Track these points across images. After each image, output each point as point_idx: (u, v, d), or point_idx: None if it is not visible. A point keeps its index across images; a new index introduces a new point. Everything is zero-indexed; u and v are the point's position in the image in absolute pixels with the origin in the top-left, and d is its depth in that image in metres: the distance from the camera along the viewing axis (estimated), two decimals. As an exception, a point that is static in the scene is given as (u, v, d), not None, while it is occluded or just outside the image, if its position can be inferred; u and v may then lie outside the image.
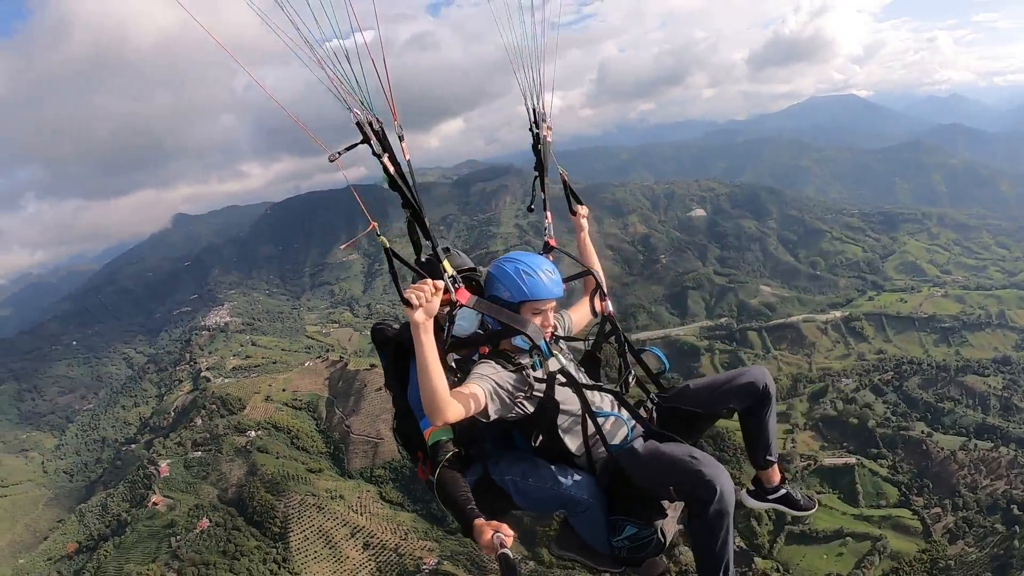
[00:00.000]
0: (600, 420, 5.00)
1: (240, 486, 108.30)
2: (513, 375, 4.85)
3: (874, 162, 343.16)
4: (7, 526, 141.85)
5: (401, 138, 4.14)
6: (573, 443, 5.02)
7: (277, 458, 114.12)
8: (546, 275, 5.08)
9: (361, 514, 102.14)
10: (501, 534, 4.16)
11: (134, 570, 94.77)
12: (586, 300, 6.17)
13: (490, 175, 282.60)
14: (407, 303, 4.02)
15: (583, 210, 6.57)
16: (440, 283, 4.18)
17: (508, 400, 4.78)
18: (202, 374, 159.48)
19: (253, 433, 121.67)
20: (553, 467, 4.95)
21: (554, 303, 5.19)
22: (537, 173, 6.30)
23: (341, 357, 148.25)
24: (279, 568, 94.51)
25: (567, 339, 5.66)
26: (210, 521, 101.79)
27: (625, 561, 5.11)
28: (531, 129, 6.19)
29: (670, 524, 5.16)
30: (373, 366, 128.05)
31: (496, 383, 4.73)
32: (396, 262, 4.45)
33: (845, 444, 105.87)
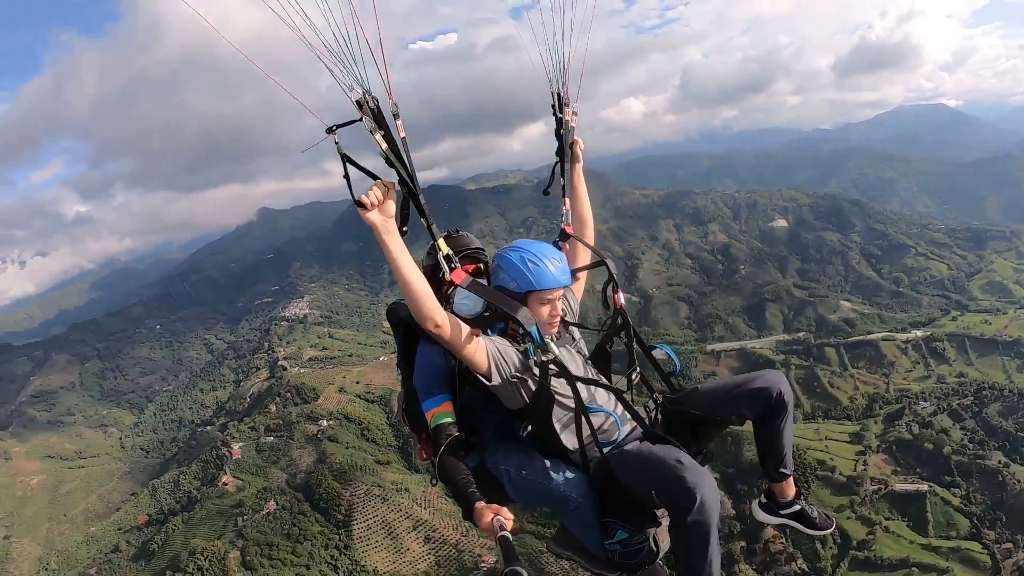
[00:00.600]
0: (596, 417, 4.89)
1: (308, 472, 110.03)
2: (517, 356, 4.78)
3: (963, 175, 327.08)
4: (82, 495, 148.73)
5: (396, 116, 4.11)
6: (569, 439, 4.88)
7: (347, 448, 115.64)
8: (553, 264, 4.93)
9: (425, 508, 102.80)
10: (501, 517, 4.18)
11: (200, 545, 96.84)
12: (584, 270, 5.98)
13: None
14: (360, 205, 4.03)
15: (580, 141, 6.13)
16: (389, 183, 4.15)
17: (508, 376, 4.73)
18: (279, 363, 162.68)
19: (325, 422, 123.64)
20: (547, 462, 4.89)
21: (562, 292, 5.04)
22: (558, 159, 6.02)
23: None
24: (340, 554, 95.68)
25: (578, 326, 5.52)
26: (277, 504, 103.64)
27: (620, 566, 4.95)
28: (554, 114, 5.97)
29: (664, 533, 4.88)
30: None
31: (500, 351, 4.70)
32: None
33: (918, 470, 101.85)
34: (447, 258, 4.59)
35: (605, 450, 4.85)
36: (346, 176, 4.05)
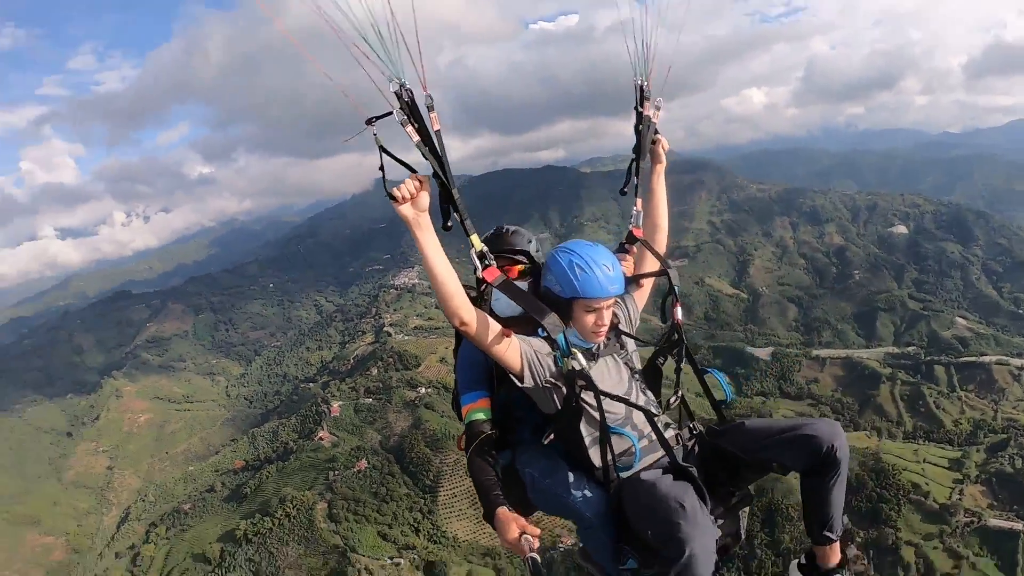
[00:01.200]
0: (621, 440, 4.57)
1: (402, 436, 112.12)
2: (553, 360, 4.52)
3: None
4: (185, 436, 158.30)
5: (431, 108, 4.01)
6: (596, 456, 4.57)
7: (441, 416, 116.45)
8: (602, 271, 4.51)
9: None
10: (529, 536, 4.10)
11: (290, 493, 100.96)
12: (647, 277, 5.46)
13: (687, 168, 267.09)
14: (392, 198, 3.98)
15: (664, 140, 5.68)
16: (423, 176, 4.06)
17: (542, 380, 4.50)
18: (384, 329, 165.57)
19: (423, 390, 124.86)
20: (571, 475, 4.64)
21: (611, 301, 4.60)
22: (635, 156, 5.64)
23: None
24: (423, 518, 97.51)
25: (630, 336, 5.07)
26: (368, 463, 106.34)
27: None
28: (636, 108, 5.63)
29: None
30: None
31: (536, 354, 4.46)
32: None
33: (1016, 507, 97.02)
34: (480, 255, 4.42)
35: (624, 474, 4.57)
36: (381, 168, 4.03)
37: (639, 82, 5.57)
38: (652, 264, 5.47)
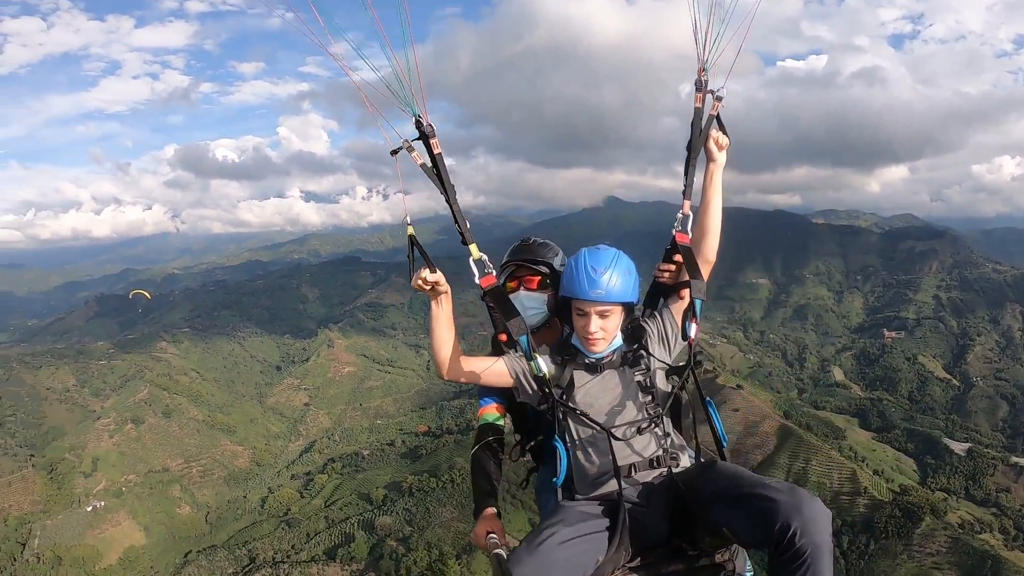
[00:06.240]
0: (591, 460, 4.13)
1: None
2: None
3: None
4: (380, 394, 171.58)
5: (433, 135, 4.17)
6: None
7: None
8: (586, 272, 4.18)
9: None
10: (494, 534, 4.24)
11: (461, 463, 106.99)
12: (684, 288, 4.49)
13: (923, 234, 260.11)
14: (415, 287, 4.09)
15: (718, 136, 4.60)
16: (432, 275, 4.02)
17: (535, 390, 4.32)
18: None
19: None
20: (561, 491, 4.32)
21: (602, 307, 4.16)
22: (688, 153, 4.64)
23: (714, 368, 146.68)
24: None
25: (649, 353, 4.34)
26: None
27: None
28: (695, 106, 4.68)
29: None
30: (739, 386, 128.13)
31: (527, 369, 4.28)
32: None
33: None
34: (478, 263, 4.42)
35: (574, 499, 4.19)
36: (409, 257, 4.15)
37: (702, 64, 4.58)
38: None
